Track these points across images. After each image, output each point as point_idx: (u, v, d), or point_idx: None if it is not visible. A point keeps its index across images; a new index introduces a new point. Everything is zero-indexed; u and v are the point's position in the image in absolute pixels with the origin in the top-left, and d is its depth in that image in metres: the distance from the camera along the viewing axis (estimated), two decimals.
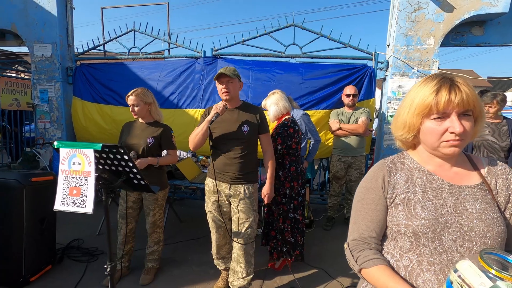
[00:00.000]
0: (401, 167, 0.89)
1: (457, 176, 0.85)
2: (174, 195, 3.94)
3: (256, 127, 2.03)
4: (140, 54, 4.29)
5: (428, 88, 0.79)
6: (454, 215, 0.78)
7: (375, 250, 0.85)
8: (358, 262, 0.84)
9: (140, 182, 1.49)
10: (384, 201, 0.86)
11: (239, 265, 2.08)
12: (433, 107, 0.77)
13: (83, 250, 2.83)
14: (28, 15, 4.26)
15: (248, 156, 2.02)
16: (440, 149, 0.81)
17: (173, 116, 3.76)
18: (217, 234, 2.17)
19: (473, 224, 0.76)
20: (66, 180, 1.36)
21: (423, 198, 0.81)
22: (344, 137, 3.35)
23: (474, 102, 0.76)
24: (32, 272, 2.30)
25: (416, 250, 0.79)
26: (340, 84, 3.62)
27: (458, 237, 0.76)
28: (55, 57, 4.27)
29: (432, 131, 0.79)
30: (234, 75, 1.94)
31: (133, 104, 2.27)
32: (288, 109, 2.51)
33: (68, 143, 1.40)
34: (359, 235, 0.88)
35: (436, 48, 3.38)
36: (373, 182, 0.89)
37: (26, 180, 2.24)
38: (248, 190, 2.03)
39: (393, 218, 0.83)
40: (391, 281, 0.75)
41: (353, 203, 0.94)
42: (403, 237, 0.81)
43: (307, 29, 3.75)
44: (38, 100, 4.40)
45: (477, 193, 0.81)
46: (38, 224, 2.34)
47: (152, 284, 2.37)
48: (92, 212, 1.29)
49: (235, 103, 2.04)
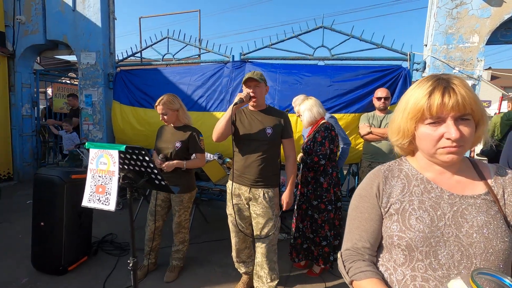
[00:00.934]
0: (398, 174, 0.83)
1: (459, 185, 0.76)
2: (201, 196, 4.04)
3: (279, 131, 2.01)
4: (173, 60, 4.51)
5: (422, 90, 0.72)
6: (452, 228, 0.71)
7: (368, 262, 0.80)
8: (350, 274, 0.79)
9: (161, 183, 1.55)
10: (378, 211, 0.81)
11: (263, 271, 2.06)
12: (425, 111, 0.71)
13: (116, 244, 3.01)
14: (77, 27, 4.70)
15: (269, 160, 2.00)
16: (437, 156, 0.73)
17: (201, 119, 3.88)
18: (237, 238, 2.17)
19: (473, 238, 0.69)
20: (93, 179, 1.46)
21: (419, 209, 0.75)
22: (374, 142, 3.19)
23: (472, 105, 0.69)
24: (70, 262, 2.51)
25: (410, 265, 0.73)
26: (372, 87, 3.45)
27: (455, 252, 0.70)
28: (98, 64, 4.65)
29: (427, 137, 0.73)
30: (261, 79, 1.96)
31: (161, 113, 2.35)
32: (322, 114, 2.48)
33: (97, 144, 1.50)
34: (352, 245, 0.84)
35: (481, 46, 3.09)
36: (368, 190, 0.84)
37: (67, 177, 2.45)
38: (268, 194, 2.00)
39: (387, 229, 0.78)
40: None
41: (348, 211, 0.89)
42: (396, 249, 0.76)
43: (337, 31, 3.65)
44: (83, 104, 4.82)
45: (480, 204, 0.73)
46: (76, 218, 2.54)
47: (175, 282, 2.45)
48: (114, 209, 1.38)
49: (261, 106, 2.05)
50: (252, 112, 2.03)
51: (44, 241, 2.43)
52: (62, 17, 4.76)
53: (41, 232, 2.43)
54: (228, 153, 3.82)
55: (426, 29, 3.36)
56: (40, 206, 2.45)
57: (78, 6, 4.64)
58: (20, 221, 3.57)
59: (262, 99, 2.04)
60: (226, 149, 3.81)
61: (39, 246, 2.46)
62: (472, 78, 3.11)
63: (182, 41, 4.30)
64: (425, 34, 3.38)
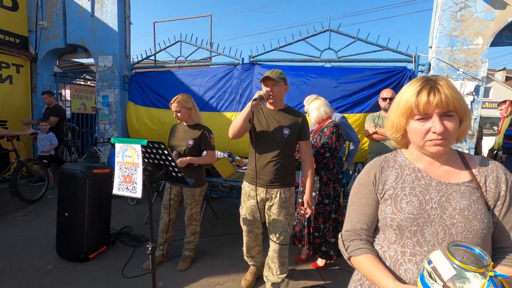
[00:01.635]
0: (393, 164, 0.93)
1: (446, 174, 0.87)
2: (211, 193, 4.20)
3: (297, 132, 1.98)
4: (186, 62, 4.70)
5: (411, 90, 0.83)
6: (438, 210, 0.81)
7: (364, 241, 0.91)
8: (348, 251, 0.90)
9: (178, 175, 1.71)
10: (375, 196, 0.91)
11: (274, 264, 2.13)
12: (414, 108, 0.81)
13: (132, 236, 3.20)
14: (95, 32, 4.95)
15: (285, 160, 1.98)
16: (425, 148, 0.84)
17: (212, 118, 4.05)
18: (248, 237, 2.20)
19: (455, 219, 0.79)
20: (120, 170, 1.64)
21: (410, 194, 0.85)
22: (380, 141, 3.28)
23: (455, 103, 0.79)
24: (91, 250, 2.70)
25: (400, 242, 0.84)
26: (377, 88, 3.55)
27: (440, 231, 0.79)
28: (115, 66, 4.89)
29: (416, 131, 0.83)
30: (280, 78, 1.91)
31: (176, 111, 2.52)
32: (329, 114, 2.58)
33: (121, 139, 1.67)
34: (351, 227, 0.94)
35: (485, 48, 3.15)
36: (366, 178, 0.94)
37: (89, 171, 2.65)
38: (284, 194, 2.01)
39: (382, 212, 0.88)
40: (374, 268, 0.82)
41: (349, 197, 1.00)
42: (389, 229, 0.87)
43: (343, 34, 3.76)
44: (100, 104, 5.06)
45: (464, 190, 0.82)
46: (97, 210, 2.74)
47: (188, 271, 2.61)
48: (141, 196, 1.54)
49: (279, 105, 2.01)
50: (270, 111, 2.00)
51: (68, 230, 2.63)
52: (81, 22, 5.03)
53: (66, 222, 2.64)
54: (237, 152, 3.97)
55: (431, 31, 3.44)
56: (65, 198, 2.66)
57: (96, 12, 4.90)
58: (44, 214, 3.81)
59: (281, 99, 1.99)
60: (236, 148, 3.97)
61: (63, 235, 2.66)
62: (476, 79, 3.18)
63: (194, 45, 4.49)
64: (430, 36, 3.46)
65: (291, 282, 2.49)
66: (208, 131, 2.58)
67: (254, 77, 3.98)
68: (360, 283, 0.94)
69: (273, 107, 2.01)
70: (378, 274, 0.81)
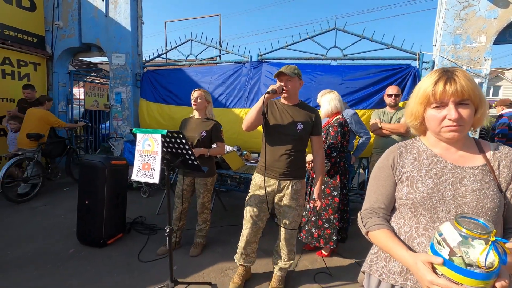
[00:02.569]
0: (411, 149, 1.00)
1: (462, 159, 0.92)
2: (220, 187, 4.36)
3: (309, 127, 2.02)
4: (196, 60, 4.86)
5: (430, 80, 0.89)
6: (451, 190, 0.88)
7: (381, 218, 0.98)
8: (366, 227, 0.99)
9: (194, 163, 1.87)
10: (393, 178, 0.99)
11: (283, 252, 2.24)
12: (431, 97, 0.88)
13: (146, 225, 3.37)
14: (108, 31, 5.15)
15: (297, 153, 2.04)
16: (441, 134, 0.90)
17: (221, 114, 4.19)
18: (250, 230, 2.18)
19: (467, 198, 0.85)
20: (140, 158, 1.80)
21: (426, 176, 0.92)
22: (385, 137, 3.38)
23: (470, 92, 0.84)
24: (109, 236, 2.88)
25: (414, 219, 0.92)
26: (382, 85, 3.65)
27: (452, 208, 0.86)
28: (127, 65, 5.08)
29: (433, 118, 0.89)
30: (294, 73, 1.93)
31: (197, 96, 2.65)
32: (339, 109, 2.66)
33: (142, 130, 1.83)
34: (370, 206, 1.03)
35: (488, 45, 3.23)
36: (385, 162, 1.02)
37: (108, 162, 2.83)
38: (296, 185, 2.06)
39: (399, 192, 0.96)
40: (390, 241, 0.90)
41: (369, 180, 1.08)
42: (405, 207, 0.94)
43: (349, 32, 3.86)
44: (113, 101, 5.26)
45: (478, 173, 0.88)
46: (114, 198, 2.91)
47: (199, 257, 2.76)
48: (158, 182, 1.70)
49: (293, 100, 2.04)
50: (284, 106, 2.03)
51: (88, 217, 2.81)
52: (96, 22, 5.23)
53: (86, 210, 2.82)
54: (246, 147, 4.12)
55: (435, 29, 3.52)
56: (85, 187, 2.84)
57: (110, 12, 5.09)
58: (62, 204, 4.02)
59: (295, 94, 2.02)
60: (244, 143, 4.12)
61: (83, 222, 2.85)
62: (479, 76, 3.26)
63: (204, 43, 4.65)
64: (434, 34, 3.54)
65: (297, 268, 2.62)
66: (218, 124, 2.74)
67: (262, 74, 4.11)
68: (377, 255, 1.05)
69: (287, 102, 2.04)
70: (393, 246, 0.89)
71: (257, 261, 2.59)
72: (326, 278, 2.47)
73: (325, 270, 2.57)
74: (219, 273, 2.51)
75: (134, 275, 2.43)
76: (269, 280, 2.37)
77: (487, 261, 0.67)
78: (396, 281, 0.95)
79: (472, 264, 0.68)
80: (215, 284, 2.34)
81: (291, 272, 2.53)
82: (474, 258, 0.68)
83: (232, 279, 2.34)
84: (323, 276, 2.49)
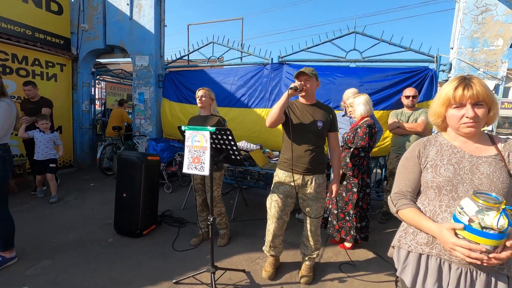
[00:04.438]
0: (434, 143, 1.19)
1: (478, 150, 1.11)
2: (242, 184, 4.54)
3: (328, 125, 2.19)
4: (217, 62, 5.05)
5: (451, 86, 1.09)
6: (469, 174, 1.06)
7: (409, 199, 1.17)
8: (396, 206, 1.17)
9: (237, 157, 2.04)
10: (418, 167, 1.18)
11: (309, 242, 2.40)
12: (451, 99, 1.08)
13: (174, 218, 3.57)
14: (132, 34, 5.37)
15: (319, 149, 2.20)
16: (460, 129, 1.09)
17: (243, 114, 4.38)
18: (276, 224, 2.31)
19: (482, 181, 1.04)
20: (190, 152, 1.98)
21: (447, 163, 1.11)
22: (402, 136, 3.52)
23: (484, 96, 1.04)
24: (144, 228, 3.08)
25: (438, 198, 1.10)
26: (400, 86, 3.79)
27: (469, 189, 1.04)
28: (150, 66, 5.30)
29: (453, 116, 1.09)
30: (313, 74, 2.11)
31: (201, 95, 2.79)
32: (370, 112, 2.81)
33: (190, 127, 2.02)
34: (399, 190, 1.21)
35: (505, 49, 3.35)
36: (411, 153, 1.22)
37: (144, 158, 3.02)
38: (318, 179, 2.22)
39: (424, 178, 1.15)
40: (417, 216, 1.09)
41: (397, 168, 1.28)
42: (430, 190, 1.13)
43: (368, 35, 4.01)
44: (136, 101, 5.48)
45: (491, 161, 1.07)
46: (149, 192, 3.11)
47: (228, 247, 2.94)
48: (208, 174, 1.88)
49: (311, 100, 2.21)
50: (303, 105, 2.19)
51: (126, 209, 3.01)
52: (120, 25, 5.46)
53: (123, 202, 3.02)
54: (266, 145, 4.29)
55: (452, 33, 3.65)
56: (123, 180, 3.04)
57: (134, 15, 5.31)
58: (92, 198, 4.25)
59: (313, 93, 2.19)
60: (265, 141, 4.29)
61: (121, 213, 3.05)
62: (496, 79, 3.38)
63: (226, 46, 4.83)
64: (451, 37, 3.67)
65: (322, 260, 2.79)
66: (222, 119, 2.84)
67: (283, 76, 4.28)
68: (405, 231, 1.23)
69: (306, 101, 2.20)
70: (421, 219, 1.08)
71: (285, 252, 2.77)
72: (351, 269, 2.63)
73: (348, 262, 2.73)
74: (250, 262, 2.69)
75: (172, 261, 2.63)
76: (297, 269, 2.54)
77: (499, 224, 0.86)
78: (423, 250, 1.12)
79: (487, 227, 0.87)
80: (248, 272, 2.51)
81: (317, 262, 2.70)
82: (489, 222, 0.87)
83: (264, 267, 2.51)
84: (348, 267, 2.65)
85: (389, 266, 2.65)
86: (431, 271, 1.10)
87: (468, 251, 0.91)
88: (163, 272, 2.45)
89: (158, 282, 2.31)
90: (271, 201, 2.31)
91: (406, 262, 1.19)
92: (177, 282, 2.29)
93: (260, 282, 2.37)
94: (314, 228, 2.36)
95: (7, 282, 2.24)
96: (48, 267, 2.46)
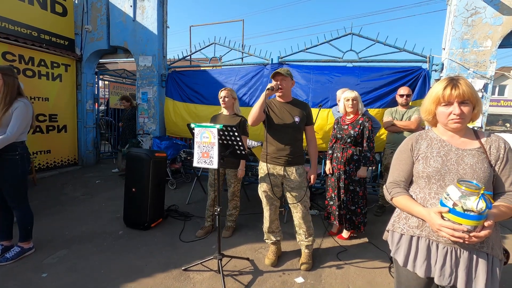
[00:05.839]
0: (425, 137, 1.33)
1: (463, 143, 1.24)
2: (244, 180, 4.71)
3: (304, 119, 2.39)
4: (219, 62, 5.21)
5: (440, 86, 1.22)
6: (455, 165, 1.19)
7: (402, 188, 1.30)
8: (391, 194, 1.31)
9: (242, 152, 2.21)
10: (411, 159, 1.31)
11: (301, 229, 2.56)
12: (440, 98, 1.21)
13: (180, 212, 3.74)
14: (136, 35, 5.51)
15: (297, 142, 2.41)
16: (448, 125, 1.22)
17: (244, 113, 4.49)
18: (270, 211, 2.52)
19: (466, 170, 1.17)
20: (199, 148, 2.15)
21: (436, 155, 1.24)
22: (397, 133, 3.70)
23: (469, 95, 1.17)
24: (151, 221, 3.24)
25: (427, 186, 1.23)
26: (394, 85, 3.97)
27: (455, 178, 1.17)
28: (154, 66, 5.45)
29: (442, 113, 1.22)
30: (288, 74, 2.29)
31: (224, 96, 2.99)
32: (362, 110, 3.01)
33: (199, 125, 2.18)
34: (393, 179, 1.34)
35: (493, 49, 3.53)
36: (405, 147, 1.35)
37: (152, 154, 3.19)
38: (299, 170, 2.41)
39: (416, 168, 1.28)
40: (409, 202, 1.23)
41: (392, 161, 1.43)
42: (421, 179, 1.26)
43: (364, 37, 4.18)
44: (140, 100, 5.64)
45: (474, 153, 1.20)
46: (156, 187, 3.27)
47: (232, 238, 3.11)
48: (217, 167, 2.05)
49: (287, 98, 2.40)
50: (281, 104, 2.38)
51: (135, 203, 3.18)
52: (124, 26, 5.60)
53: (132, 196, 3.18)
54: None
55: (444, 34, 3.83)
56: (132, 176, 3.21)
57: (137, 17, 5.46)
58: (99, 195, 4.41)
59: (288, 91, 2.38)
60: None
61: (130, 207, 3.21)
62: (485, 78, 3.57)
63: (227, 46, 4.99)
64: (443, 39, 3.85)
65: (320, 249, 2.96)
66: (245, 119, 3.04)
67: None
68: (398, 217, 1.38)
69: (283, 100, 2.39)
70: (412, 205, 1.21)
71: (285, 242, 2.96)
72: (348, 256, 2.81)
73: (345, 250, 2.91)
74: (253, 251, 2.86)
75: (180, 251, 2.80)
76: (298, 257, 2.72)
77: (478, 207, 1.00)
78: (414, 233, 1.27)
79: (468, 210, 1.02)
80: (252, 260, 2.69)
81: (316, 250, 2.88)
82: (470, 206, 1.01)
83: (266, 255, 2.69)
84: (345, 255, 2.83)
85: (383, 255, 2.83)
86: (421, 250, 1.25)
87: (452, 231, 1.04)
88: (172, 260, 2.62)
89: (168, 269, 2.48)
90: (261, 192, 2.52)
91: (399, 243, 1.33)
92: (186, 269, 2.46)
93: (263, 269, 2.55)
94: (303, 214, 2.49)
95: (27, 270, 2.41)
96: (64, 256, 2.62)
